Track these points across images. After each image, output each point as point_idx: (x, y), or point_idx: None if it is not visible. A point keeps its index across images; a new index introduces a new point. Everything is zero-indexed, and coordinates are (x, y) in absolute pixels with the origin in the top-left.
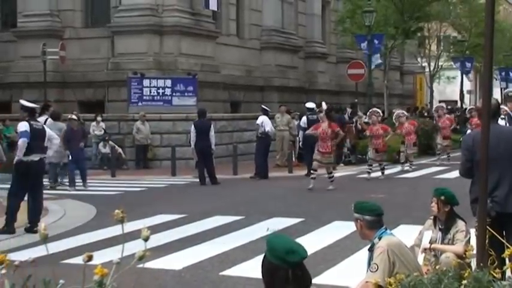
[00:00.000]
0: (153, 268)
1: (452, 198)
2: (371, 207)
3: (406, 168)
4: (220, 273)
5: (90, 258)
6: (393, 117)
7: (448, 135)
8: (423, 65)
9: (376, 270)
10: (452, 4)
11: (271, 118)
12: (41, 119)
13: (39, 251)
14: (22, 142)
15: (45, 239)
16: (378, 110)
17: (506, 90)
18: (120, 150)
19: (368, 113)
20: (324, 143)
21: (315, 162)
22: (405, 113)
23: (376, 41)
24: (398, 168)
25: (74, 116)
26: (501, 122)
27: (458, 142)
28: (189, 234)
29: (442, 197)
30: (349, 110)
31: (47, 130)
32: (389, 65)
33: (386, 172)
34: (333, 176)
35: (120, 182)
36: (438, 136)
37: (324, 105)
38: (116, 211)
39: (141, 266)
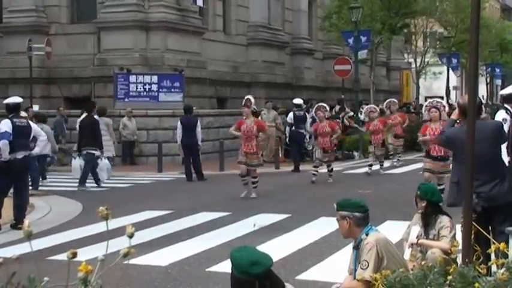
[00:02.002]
0: (139, 264)
1: (425, 194)
2: (360, 204)
3: (380, 169)
4: (207, 270)
5: (74, 255)
6: (363, 112)
7: (399, 133)
8: (409, 61)
9: (367, 267)
10: (438, 0)
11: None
12: (85, 115)
13: (25, 248)
14: (3, 145)
15: (29, 236)
16: (325, 105)
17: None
18: None
19: (315, 108)
20: (247, 142)
21: (242, 166)
22: (377, 108)
23: (362, 37)
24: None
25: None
26: (507, 117)
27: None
28: (175, 231)
29: (418, 192)
30: (337, 106)
31: (33, 127)
32: (375, 61)
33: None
34: (257, 181)
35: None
36: (389, 135)
37: (252, 99)
38: (101, 208)
39: (126, 262)
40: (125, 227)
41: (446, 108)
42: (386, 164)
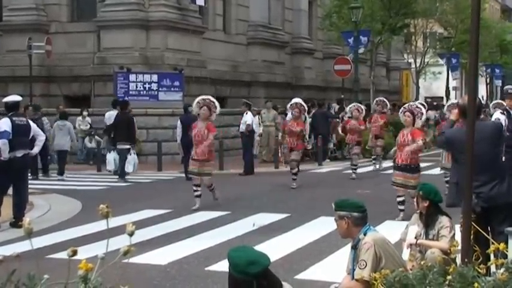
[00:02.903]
0: (138, 263)
1: (429, 193)
2: (358, 204)
3: (353, 176)
4: (206, 269)
5: (74, 253)
6: (348, 108)
7: (379, 134)
8: (409, 61)
9: (365, 267)
10: (438, 1)
11: (257, 114)
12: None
13: (24, 246)
14: (3, 144)
15: (30, 234)
16: (302, 103)
17: (506, 87)
18: None
19: (289, 106)
20: (198, 145)
21: (193, 176)
22: (363, 108)
23: (362, 37)
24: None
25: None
26: (501, 117)
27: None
28: (174, 230)
29: (420, 192)
30: (336, 106)
31: (32, 126)
32: (375, 61)
33: (370, 169)
34: (213, 188)
35: (105, 177)
36: (370, 137)
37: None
38: (101, 206)
39: (126, 261)
40: (124, 226)
41: (424, 116)
42: (370, 168)
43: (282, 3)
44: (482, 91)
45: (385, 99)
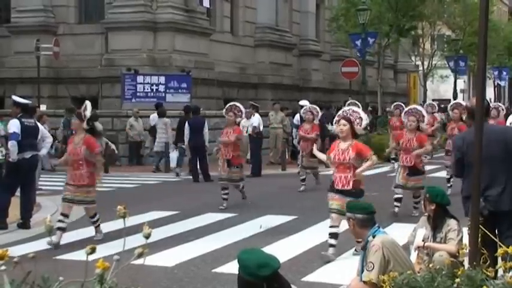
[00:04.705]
0: (145, 265)
1: (435, 196)
2: (362, 206)
3: (302, 189)
4: (213, 270)
5: (93, 250)
6: (301, 111)
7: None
8: (417, 63)
9: (373, 269)
10: (446, 3)
11: (265, 115)
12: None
13: (32, 247)
14: (12, 146)
15: (50, 232)
16: (238, 105)
17: None
18: (113, 146)
19: (224, 111)
20: (75, 170)
21: (65, 204)
22: (317, 109)
23: (370, 39)
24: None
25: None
26: None
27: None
28: (181, 231)
29: (427, 195)
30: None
31: (41, 128)
32: (383, 63)
33: (378, 171)
34: (97, 220)
35: (113, 179)
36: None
37: (89, 106)
38: (118, 207)
39: (135, 262)
40: (132, 227)
41: (364, 122)
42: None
43: (289, 5)
44: (490, 93)
45: (356, 101)
